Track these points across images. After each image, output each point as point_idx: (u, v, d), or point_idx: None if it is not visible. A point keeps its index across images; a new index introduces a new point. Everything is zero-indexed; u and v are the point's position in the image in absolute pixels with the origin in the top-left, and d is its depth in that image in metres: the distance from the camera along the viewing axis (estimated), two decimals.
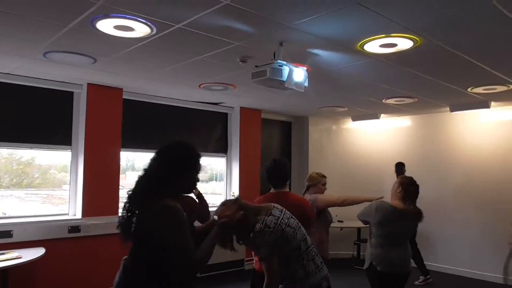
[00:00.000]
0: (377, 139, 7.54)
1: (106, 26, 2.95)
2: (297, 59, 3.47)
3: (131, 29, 3.01)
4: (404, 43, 3.24)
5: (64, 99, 4.98)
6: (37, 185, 5.32)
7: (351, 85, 4.84)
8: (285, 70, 3.26)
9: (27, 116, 4.76)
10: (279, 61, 3.24)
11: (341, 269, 6.30)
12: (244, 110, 6.68)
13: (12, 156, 5.06)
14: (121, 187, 5.17)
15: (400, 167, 6.21)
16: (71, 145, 5.00)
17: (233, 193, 6.52)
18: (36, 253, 4.02)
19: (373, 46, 3.30)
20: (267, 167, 3.09)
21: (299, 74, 3.37)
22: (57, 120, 4.97)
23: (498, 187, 5.94)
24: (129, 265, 1.90)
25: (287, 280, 2.27)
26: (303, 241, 2.27)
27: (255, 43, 3.28)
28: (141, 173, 1.97)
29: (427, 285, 5.78)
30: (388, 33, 3.03)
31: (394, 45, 3.29)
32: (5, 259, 3.68)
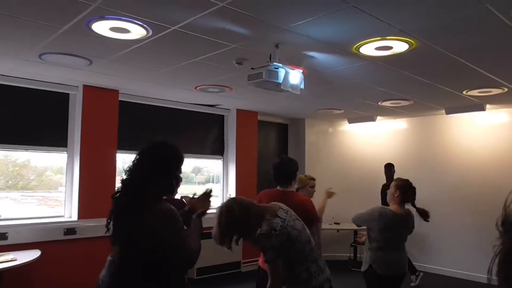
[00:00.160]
0: (373, 141, 7.55)
1: (101, 28, 2.95)
2: (293, 62, 3.47)
3: (126, 31, 3.01)
4: (399, 46, 3.25)
5: (60, 101, 4.96)
6: (32, 187, 5.30)
7: (347, 87, 4.85)
8: (281, 72, 3.26)
9: (23, 117, 4.75)
10: (275, 63, 3.25)
11: (337, 271, 6.26)
12: (240, 112, 6.68)
13: (7, 158, 5.04)
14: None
15: (389, 168, 6.20)
16: (67, 147, 4.99)
17: (230, 195, 6.50)
18: (31, 255, 4.00)
19: (369, 48, 3.32)
20: (273, 164, 3.11)
21: (295, 76, 3.37)
22: (53, 122, 4.95)
23: (493, 190, 5.93)
24: (120, 266, 1.91)
25: (291, 282, 2.27)
26: (308, 243, 2.27)
27: (251, 45, 3.29)
28: (124, 176, 1.97)
29: (421, 281, 5.77)
30: (383, 36, 3.05)
31: (389, 48, 3.31)
32: (0, 262, 3.65)
